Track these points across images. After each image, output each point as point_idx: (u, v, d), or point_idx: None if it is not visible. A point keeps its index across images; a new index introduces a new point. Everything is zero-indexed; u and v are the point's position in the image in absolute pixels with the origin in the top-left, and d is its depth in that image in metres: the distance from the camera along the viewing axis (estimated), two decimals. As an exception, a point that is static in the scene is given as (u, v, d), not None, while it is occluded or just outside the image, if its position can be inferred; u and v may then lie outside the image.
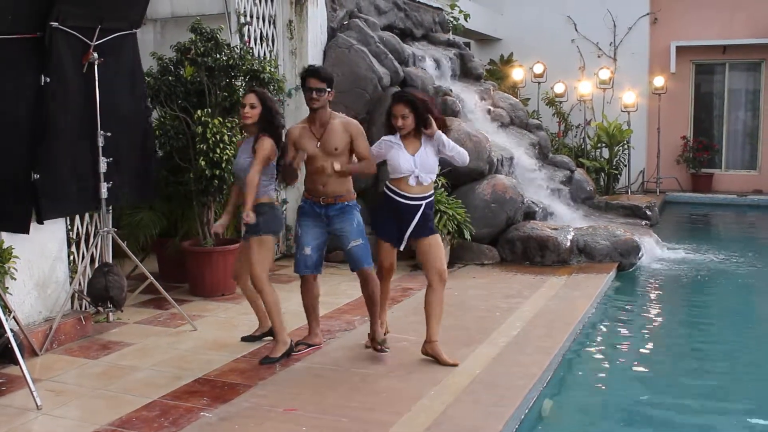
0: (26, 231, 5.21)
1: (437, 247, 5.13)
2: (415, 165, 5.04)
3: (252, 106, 5.21)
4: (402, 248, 5.24)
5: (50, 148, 5.10)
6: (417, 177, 5.03)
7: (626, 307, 7.60)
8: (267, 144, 5.13)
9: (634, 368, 5.81)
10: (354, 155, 5.16)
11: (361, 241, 5.14)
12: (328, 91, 5.04)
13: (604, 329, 6.72)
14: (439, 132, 5.03)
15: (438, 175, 8.25)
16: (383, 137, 5.18)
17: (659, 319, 7.25)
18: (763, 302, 8.16)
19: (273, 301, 5.22)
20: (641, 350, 6.24)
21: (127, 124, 5.85)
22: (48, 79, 5.00)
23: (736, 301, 8.13)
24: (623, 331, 6.81)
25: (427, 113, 5.00)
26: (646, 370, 5.82)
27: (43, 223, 5.30)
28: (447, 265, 8.12)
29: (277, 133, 5.33)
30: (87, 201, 5.63)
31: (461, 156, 5.16)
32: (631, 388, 5.40)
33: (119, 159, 5.70)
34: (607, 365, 5.88)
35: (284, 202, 8.66)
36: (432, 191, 5.17)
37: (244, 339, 5.65)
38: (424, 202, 5.10)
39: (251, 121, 5.23)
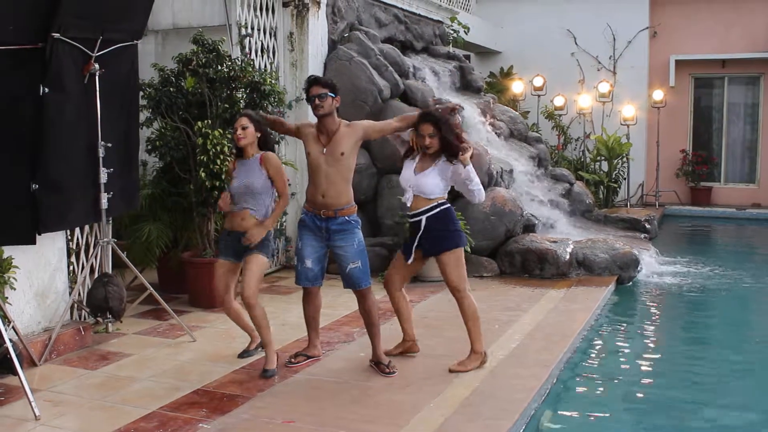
0: (33, 242, 5.20)
1: (446, 265, 5.13)
2: (410, 183, 5.10)
3: (243, 127, 5.20)
4: (409, 262, 5.24)
5: (48, 158, 5.09)
6: (407, 195, 5.11)
7: (625, 320, 7.60)
8: (277, 161, 5.26)
9: (633, 381, 5.80)
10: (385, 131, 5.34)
11: (360, 264, 5.11)
12: (332, 97, 5.05)
13: (603, 342, 6.71)
14: (470, 167, 5.06)
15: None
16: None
17: (658, 332, 7.25)
18: (762, 316, 8.15)
19: (262, 316, 5.19)
20: (640, 364, 6.24)
21: (122, 135, 5.86)
22: (47, 90, 5.00)
23: (735, 315, 8.13)
24: (622, 344, 6.80)
25: (452, 137, 5.05)
26: (645, 383, 5.81)
27: (40, 234, 5.29)
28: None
29: (272, 151, 5.41)
30: (87, 212, 5.61)
31: (479, 194, 5.17)
32: (630, 401, 5.40)
33: (117, 169, 5.70)
34: (605, 378, 5.87)
35: (283, 213, 8.66)
36: (434, 203, 5.11)
37: (241, 356, 5.60)
38: (423, 217, 5.10)
39: (245, 142, 5.20)
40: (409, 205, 5.15)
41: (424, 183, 5.08)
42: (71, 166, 5.35)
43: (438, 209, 5.12)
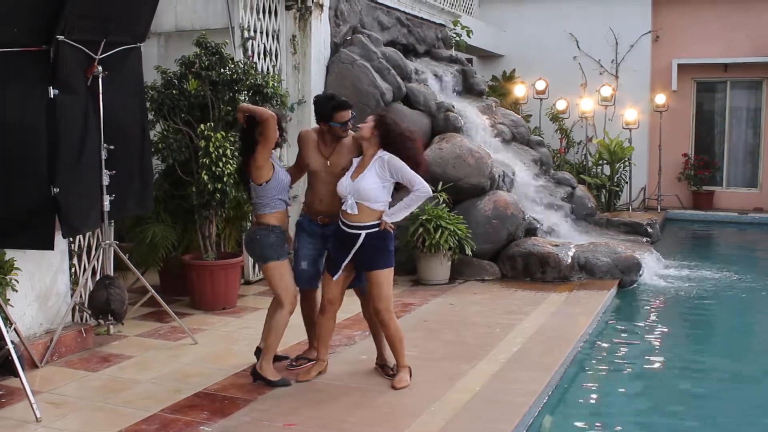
0: (51, 247, 5.20)
1: (377, 285, 4.87)
2: (348, 190, 4.81)
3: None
4: (335, 278, 4.93)
5: (66, 161, 5.09)
6: (348, 203, 4.80)
7: (627, 324, 7.59)
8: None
9: (634, 386, 5.80)
10: None
11: None
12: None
13: (605, 346, 6.71)
14: (389, 156, 4.80)
15: (439, 191, 8.29)
16: None
17: (660, 336, 7.24)
18: (763, 320, 8.14)
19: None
20: (641, 368, 6.23)
21: (130, 136, 5.87)
22: (56, 92, 5.01)
23: (736, 320, 8.13)
24: (623, 348, 6.80)
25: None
26: (646, 387, 5.81)
27: (65, 237, 5.29)
28: (447, 280, 8.24)
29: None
30: (100, 214, 5.62)
31: (421, 190, 4.83)
32: (631, 405, 5.40)
33: (123, 172, 5.71)
34: (607, 382, 5.87)
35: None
36: (376, 221, 4.82)
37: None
38: (363, 232, 4.81)
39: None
40: (350, 212, 4.81)
41: (362, 187, 4.78)
42: (87, 168, 5.36)
43: (377, 227, 4.84)
